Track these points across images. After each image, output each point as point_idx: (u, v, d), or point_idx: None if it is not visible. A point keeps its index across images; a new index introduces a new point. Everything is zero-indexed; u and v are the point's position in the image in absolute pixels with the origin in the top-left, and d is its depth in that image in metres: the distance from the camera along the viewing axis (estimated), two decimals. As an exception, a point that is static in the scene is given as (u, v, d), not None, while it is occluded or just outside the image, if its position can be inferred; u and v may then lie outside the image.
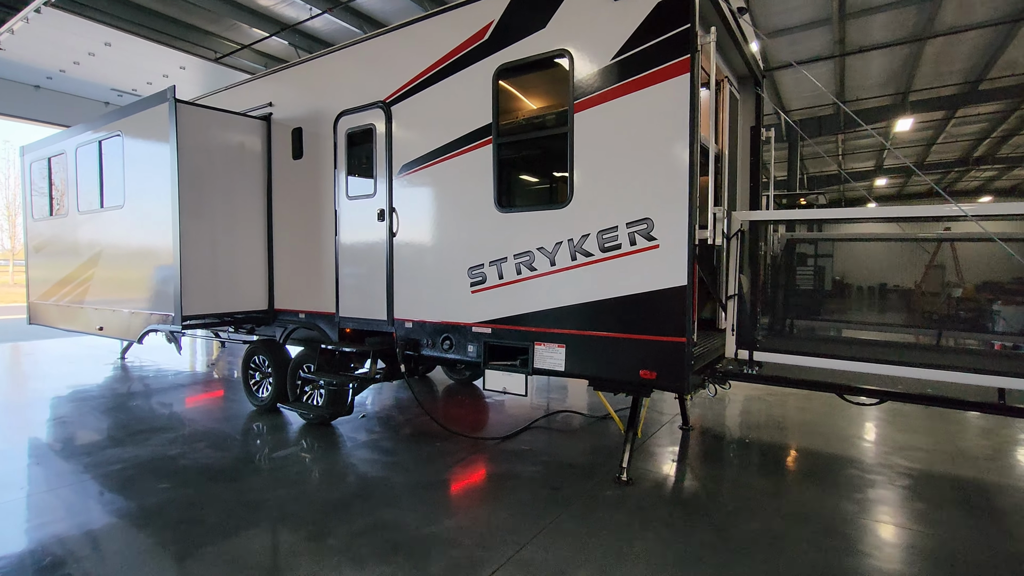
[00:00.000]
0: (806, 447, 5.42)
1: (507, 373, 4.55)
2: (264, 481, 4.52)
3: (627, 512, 4.00)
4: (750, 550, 3.48)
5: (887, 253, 4.44)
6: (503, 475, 4.69)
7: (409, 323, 5.21)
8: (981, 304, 3.79)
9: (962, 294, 3.79)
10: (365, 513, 3.95)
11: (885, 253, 4.48)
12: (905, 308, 3.84)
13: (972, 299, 3.78)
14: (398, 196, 5.22)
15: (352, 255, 5.60)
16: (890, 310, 4.03)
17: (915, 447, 5.42)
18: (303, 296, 6.09)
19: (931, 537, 3.66)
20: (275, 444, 5.48)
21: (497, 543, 3.55)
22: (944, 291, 3.69)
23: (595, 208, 4.07)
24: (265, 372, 6.64)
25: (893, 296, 3.99)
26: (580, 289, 4.16)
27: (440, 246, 4.94)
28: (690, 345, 3.71)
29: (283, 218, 6.23)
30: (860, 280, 4.20)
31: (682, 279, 3.71)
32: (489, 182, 4.59)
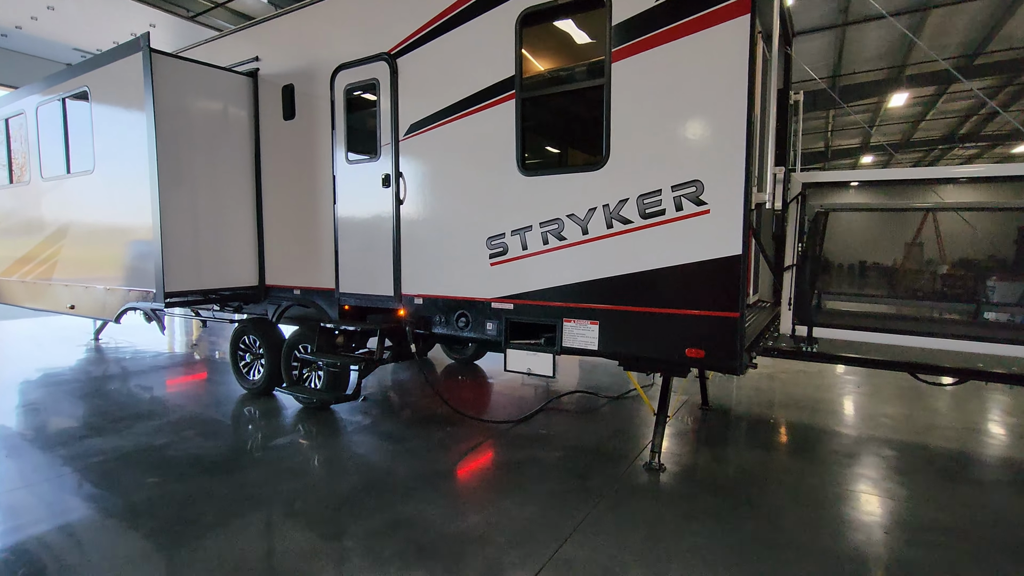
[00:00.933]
0: (832, 426, 5.18)
1: (532, 353, 4.16)
2: (264, 473, 4.10)
3: (666, 502, 3.70)
4: (808, 545, 3.20)
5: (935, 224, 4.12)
6: (524, 462, 4.34)
7: (419, 299, 4.78)
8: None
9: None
10: (381, 508, 3.57)
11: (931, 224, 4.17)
12: (972, 281, 3.54)
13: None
14: (405, 160, 4.73)
15: (353, 225, 5.11)
16: (950, 283, 3.74)
17: (942, 424, 5.23)
18: (298, 271, 5.59)
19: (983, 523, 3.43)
20: (271, 431, 5.05)
21: (533, 541, 3.20)
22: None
23: (635, 170, 3.66)
24: (256, 353, 6.16)
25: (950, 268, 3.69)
26: (617, 260, 3.77)
27: (454, 214, 4.49)
28: (743, 321, 3.37)
29: (273, 186, 5.69)
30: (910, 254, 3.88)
31: (736, 248, 3.34)
32: (511, 142, 4.14)
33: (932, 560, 3.04)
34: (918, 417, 5.55)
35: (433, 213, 4.62)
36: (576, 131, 4.19)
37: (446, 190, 4.52)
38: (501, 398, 6.31)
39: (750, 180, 3.28)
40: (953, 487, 3.92)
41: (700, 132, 3.42)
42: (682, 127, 3.49)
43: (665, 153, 3.55)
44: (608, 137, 3.73)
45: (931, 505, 3.65)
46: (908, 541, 3.23)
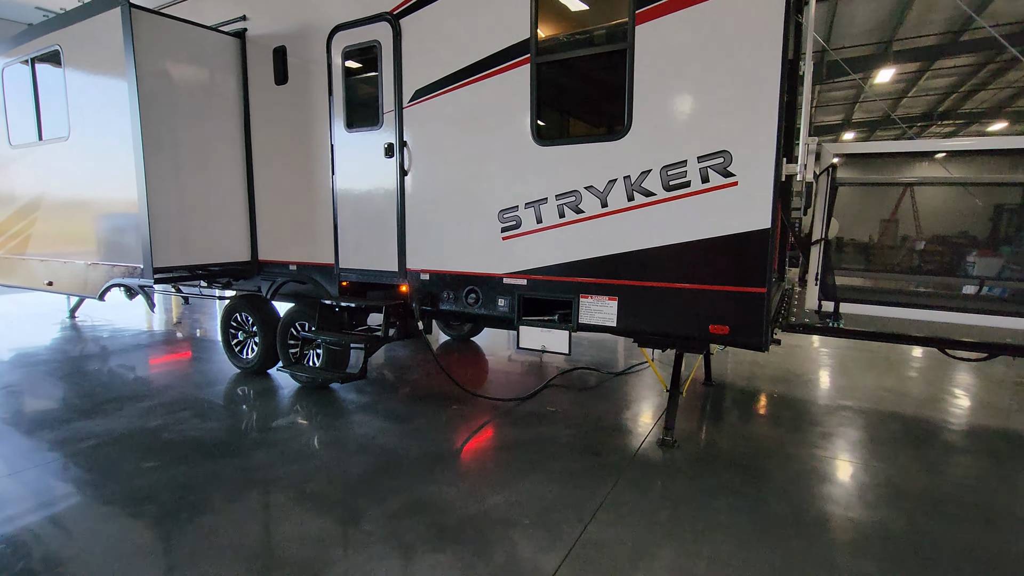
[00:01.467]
0: (835, 399, 5.23)
1: (547, 330, 4.05)
2: (270, 456, 3.94)
3: (686, 479, 3.66)
4: (831, 518, 3.20)
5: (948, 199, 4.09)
6: (537, 440, 4.27)
7: (425, 275, 4.60)
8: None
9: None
10: (397, 490, 3.46)
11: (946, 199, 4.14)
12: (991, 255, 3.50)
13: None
14: (410, 128, 4.50)
15: (353, 198, 4.88)
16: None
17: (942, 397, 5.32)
18: (293, 246, 5.35)
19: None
20: (271, 411, 4.87)
21: (558, 521, 3.13)
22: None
23: (658, 140, 3.51)
24: (249, 331, 5.93)
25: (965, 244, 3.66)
26: (638, 234, 3.64)
27: (463, 186, 4.30)
28: (770, 296, 3.29)
29: (265, 155, 5.39)
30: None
31: (765, 221, 3.25)
32: (525, 110, 3.94)
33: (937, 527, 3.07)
34: (914, 390, 5.63)
35: (440, 185, 4.41)
36: (596, 99, 4.01)
37: (454, 161, 4.32)
38: (501, 375, 6.22)
39: (781, 150, 3.16)
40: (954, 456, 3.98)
41: (729, 100, 3.28)
42: (710, 95, 3.34)
43: (691, 122, 3.41)
44: (630, 105, 3.56)
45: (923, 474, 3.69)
46: (925, 512, 3.25)
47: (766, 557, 2.82)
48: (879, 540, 2.98)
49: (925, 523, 3.16)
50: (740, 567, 2.74)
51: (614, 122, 3.67)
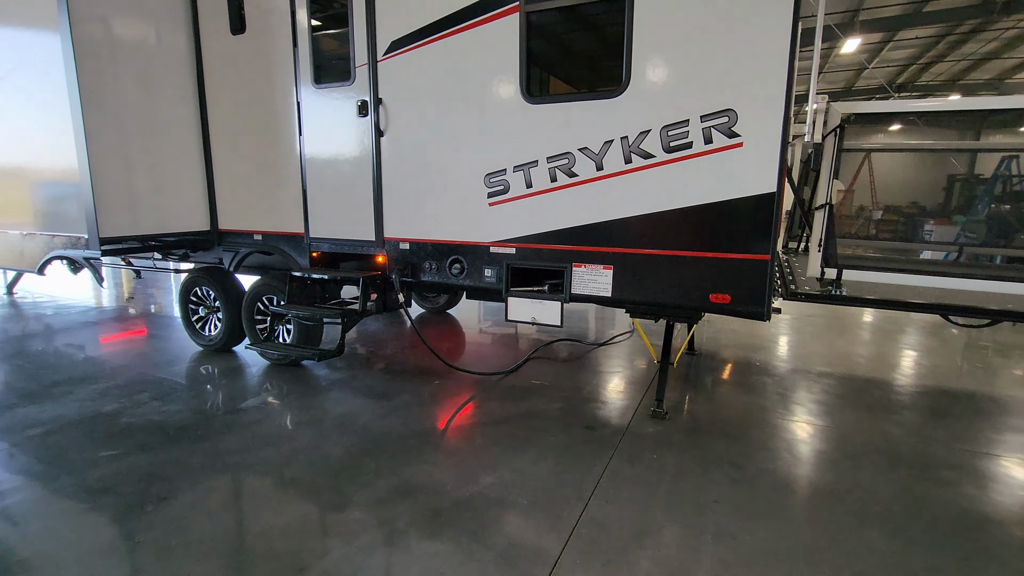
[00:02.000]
0: (816, 366, 5.26)
1: (538, 301, 3.85)
2: (241, 439, 3.67)
3: (681, 451, 3.58)
4: (832, 489, 3.17)
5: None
6: (526, 415, 4.12)
7: (405, 244, 4.32)
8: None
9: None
10: (384, 473, 3.26)
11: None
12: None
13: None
14: (386, 83, 4.13)
15: (324, 161, 4.50)
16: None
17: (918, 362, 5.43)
18: (258, 214, 4.95)
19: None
20: (238, 391, 4.56)
21: (557, 501, 3.00)
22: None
23: (658, 97, 3.29)
24: (212, 306, 5.53)
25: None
26: (635, 198, 3.45)
27: (446, 148, 4.00)
28: (774, 264, 3.17)
29: (222, 114, 4.91)
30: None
31: (771, 184, 3.10)
32: (514, 64, 3.64)
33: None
34: (889, 355, 5.74)
35: (421, 146, 4.09)
36: (591, 52, 3.74)
37: (436, 120, 4.00)
38: (481, 348, 6.04)
39: (790, 109, 3.00)
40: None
41: (736, 54, 3.07)
42: (715, 49, 3.13)
43: (694, 78, 3.19)
44: (629, 59, 3.32)
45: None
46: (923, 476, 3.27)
47: (773, 530, 2.76)
48: (877, 507, 2.96)
49: (919, 489, 3.16)
50: (749, 542, 2.67)
51: (611, 77, 3.43)
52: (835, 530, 2.77)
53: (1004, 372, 5.30)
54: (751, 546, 2.64)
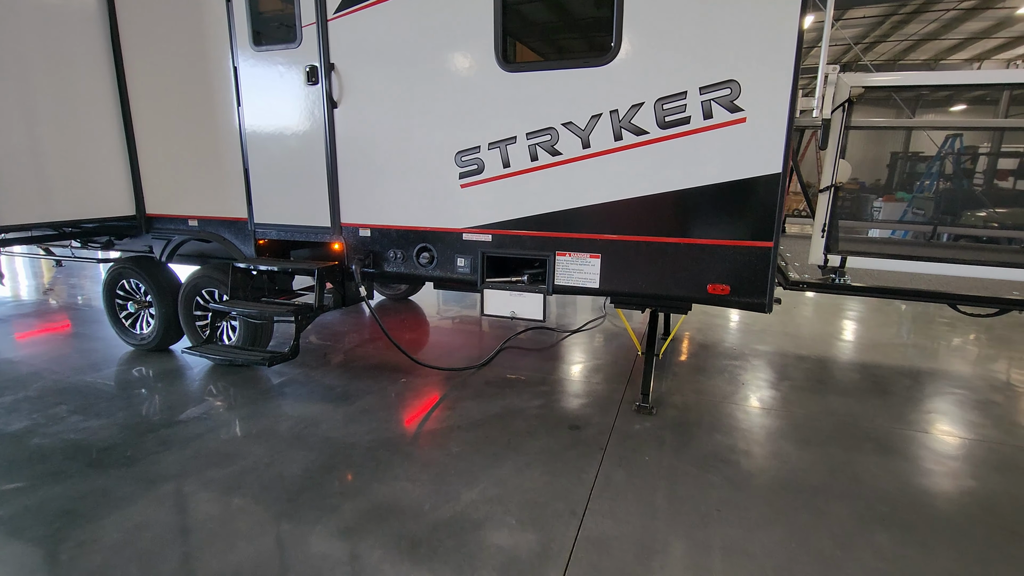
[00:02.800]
0: (789, 349, 5.17)
1: (517, 294, 3.50)
2: (180, 459, 3.18)
3: (674, 451, 3.35)
4: (827, 488, 3.01)
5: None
6: (504, 415, 3.80)
7: (365, 230, 3.85)
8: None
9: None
10: (351, 493, 2.87)
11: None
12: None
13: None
14: (338, 46, 3.61)
15: (267, 136, 3.95)
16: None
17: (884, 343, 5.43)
18: (193, 197, 4.34)
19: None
20: (177, 399, 4.02)
21: (548, 517, 2.70)
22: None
23: (653, 66, 2.95)
24: (143, 301, 4.90)
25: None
26: (627, 180, 3.12)
27: (411, 122, 3.54)
28: (777, 252, 2.92)
29: (144, 83, 4.24)
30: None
31: (776, 164, 2.83)
32: (487, 26, 3.21)
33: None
34: (867, 336, 5.73)
35: (381, 120, 3.61)
36: (576, 13, 3.34)
37: (398, 89, 3.52)
38: (447, 338, 5.66)
39: (797, 82, 2.72)
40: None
41: (741, 18, 2.76)
42: (716, 12, 2.80)
43: (693, 45, 2.86)
44: (619, 22, 2.95)
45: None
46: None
47: (780, 538, 2.55)
48: (879, 503, 2.82)
49: (917, 481, 3.05)
50: (759, 555, 2.45)
51: (599, 43, 3.05)
52: (842, 534, 2.60)
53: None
54: (762, 561, 2.42)
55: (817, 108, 2.91)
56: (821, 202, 3.14)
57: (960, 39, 21.89)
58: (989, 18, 20.34)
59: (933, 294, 2.91)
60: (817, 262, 3.21)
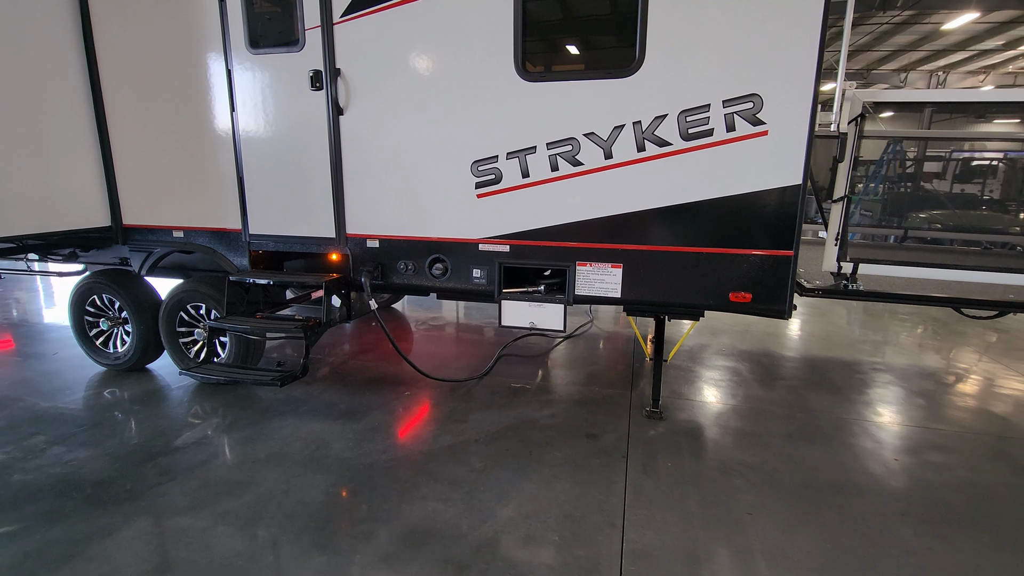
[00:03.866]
0: (776, 349, 5.38)
1: (537, 304, 3.46)
2: (188, 490, 2.97)
3: (693, 456, 3.41)
4: (849, 484, 3.14)
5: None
6: (519, 426, 3.76)
7: (373, 241, 3.72)
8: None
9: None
10: (383, 517, 2.76)
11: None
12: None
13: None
14: (345, 50, 3.47)
15: (266, 143, 3.75)
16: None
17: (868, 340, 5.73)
18: (178, 206, 4.07)
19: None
20: (165, 423, 3.76)
21: (589, 532, 2.69)
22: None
23: (677, 78, 2.99)
24: (117, 318, 4.56)
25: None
26: (650, 191, 3.15)
27: (424, 130, 3.44)
28: (797, 260, 3.02)
29: (122, 83, 3.95)
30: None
31: (797, 176, 2.93)
32: (507, 34, 3.17)
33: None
34: (851, 337, 6.03)
35: (391, 128, 3.50)
36: (600, 24, 3.34)
37: (410, 98, 3.42)
38: (439, 346, 5.57)
39: (817, 96, 2.82)
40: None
41: (764, 33, 2.83)
42: (741, 25, 2.86)
43: (717, 58, 2.92)
44: (644, 34, 2.97)
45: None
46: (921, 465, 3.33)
47: (813, 539, 2.64)
48: (898, 502, 2.96)
49: (926, 476, 3.22)
50: (799, 559, 2.52)
51: (623, 54, 3.06)
52: (869, 532, 2.72)
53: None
54: (804, 564, 2.49)
55: (835, 122, 3.03)
56: (835, 212, 3.28)
57: (889, 51, 23.42)
58: (916, 32, 21.82)
59: (939, 299, 3.10)
60: (831, 269, 3.35)
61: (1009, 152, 6.30)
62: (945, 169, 7.04)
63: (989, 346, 5.66)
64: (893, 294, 3.19)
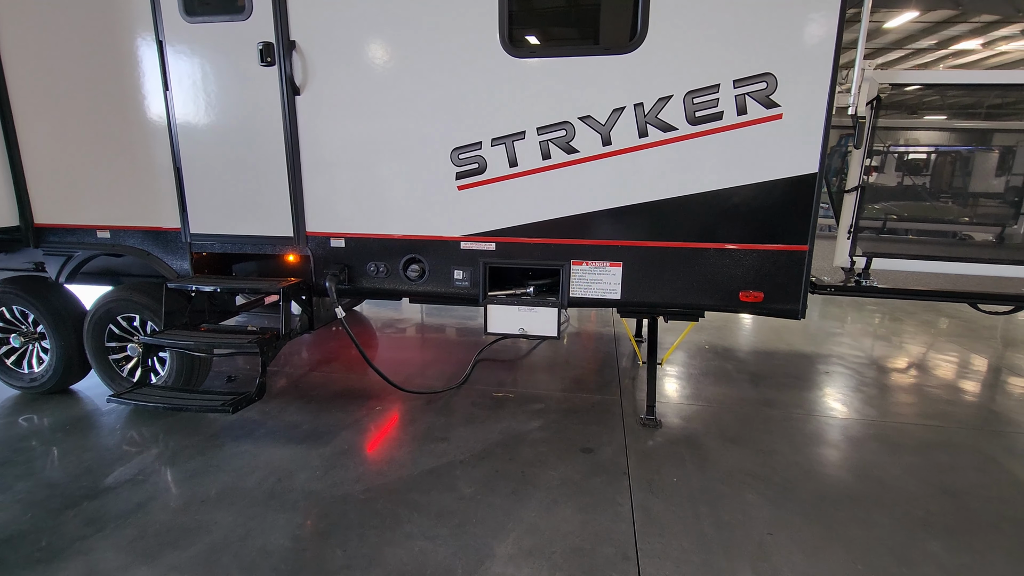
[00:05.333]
0: (762, 346, 5.25)
1: (528, 308, 3.11)
2: (120, 542, 2.47)
3: (697, 469, 3.16)
4: (863, 492, 2.95)
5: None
6: (508, 442, 3.42)
7: (338, 240, 3.27)
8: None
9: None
10: (361, 564, 2.36)
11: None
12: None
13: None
14: (300, 19, 3.00)
15: (207, 128, 3.23)
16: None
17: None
18: (103, 202, 3.49)
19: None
20: (95, 457, 3.21)
21: (601, 566, 2.38)
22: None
23: (682, 56, 2.69)
24: (30, 332, 3.92)
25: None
26: (653, 180, 2.85)
27: (396, 113, 3.02)
28: (811, 256, 2.79)
29: (27, 60, 3.33)
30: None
31: (813, 164, 2.69)
32: (492, 3, 2.78)
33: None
34: (846, 329, 5.97)
35: (357, 111, 3.06)
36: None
37: (379, 76, 2.99)
38: (408, 351, 5.14)
39: (836, 77, 2.58)
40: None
41: (778, 6, 2.56)
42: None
43: (726, 34, 2.64)
44: (647, 4, 2.65)
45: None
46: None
47: (842, 560, 2.42)
48: (912, 507, 2.79)
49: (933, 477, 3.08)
50: (834, 585, 2.29)
51: (622, 28, 2.74)
52: (893, 545, 2.53)
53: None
54: (839, 589, 2.26)
55: (852, 105, 2.82)
56: (847, 203, 3.07)
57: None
58: (855, 31, 22.71)
59: (956, 294, 2.95)
60: (843, 264, 3.16)
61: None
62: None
63: (994, 342, 5.72)
64: (909, 290, 3.03)
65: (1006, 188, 6.83)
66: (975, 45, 21.20)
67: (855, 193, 3.03)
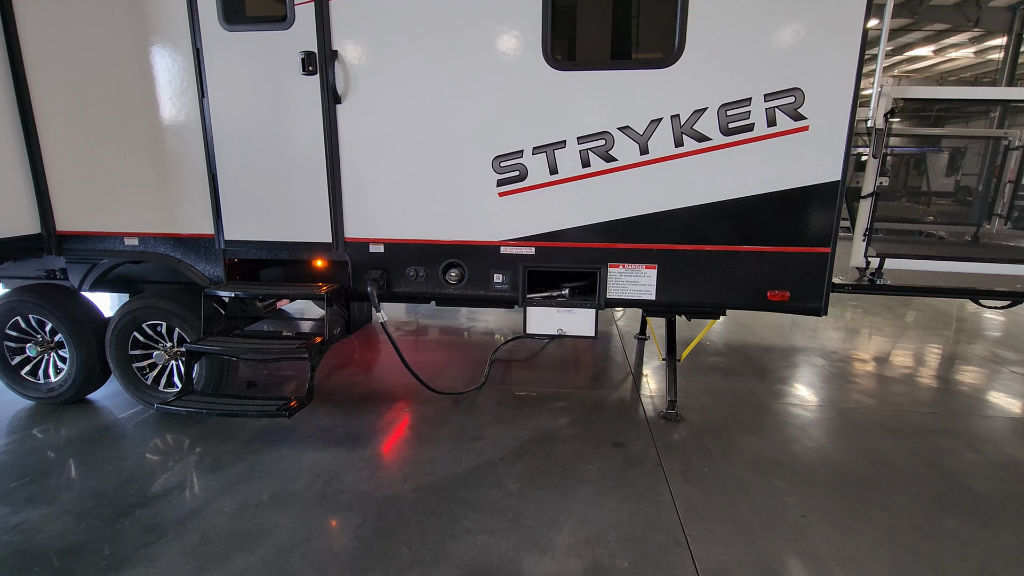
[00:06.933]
0: (767, 340, 5.51)
1: (567, 310, 3.24)
2: (185, 548, 2.50)
3: (725, 459, 3.35)
4: (872, 474, 3.19)
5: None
6: (540, 440, 3.54)
7: (378, 245, 3.33)
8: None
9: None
10: (430, 559, 2.45)
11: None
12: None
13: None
14: (343, 29, 3.05)
15: (244, 135, 3.24)
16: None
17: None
18: (131, 210, 3.45)
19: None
20: (133, 466, 3.19)
21: (657, 553, 2.53)
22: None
23: (718, 71, 2.86)
24: (47, 342, 3.84)
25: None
26: (687, 188, 3.02)
27: (438, 123, 3.10)
28: (834, 257, 3.01)
29: (54, 64, 3.27)
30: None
31: (836, 172, 2.90)
32: (535, 18, 2.90)
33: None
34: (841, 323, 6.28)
35: (399, 120, 3.12)
36: (637, 12, 3.13)
37: (422, 86, 3.06)
38: (423, 355, 5.21)
39: (858, 92, 2.80)
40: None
41: (808, 25, 2.76)
42: (781, 20, 2.78)
43: (758, 51, 2.82)
44: (684, 23, 2.82)
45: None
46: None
47: (876, 539, 2.64)
48: (926, 487, 3.03)
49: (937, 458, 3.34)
50: (868, 561, 2.50)
51: (662, 44, 2.89)
52: (914, 523, 2.76)
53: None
54: (875, 566, 2.47)
55: (871, 117, 3.04)
56: (863, 207, 3.31)
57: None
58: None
59: (959, 290, 3.22)
60: (859, 264, 3.39)
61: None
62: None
63: (993, 339, 6.11)
64: (917, 287, 3.28)
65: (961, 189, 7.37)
66: (927, 52, 22.36)
67: (871, 198, 3.28)
